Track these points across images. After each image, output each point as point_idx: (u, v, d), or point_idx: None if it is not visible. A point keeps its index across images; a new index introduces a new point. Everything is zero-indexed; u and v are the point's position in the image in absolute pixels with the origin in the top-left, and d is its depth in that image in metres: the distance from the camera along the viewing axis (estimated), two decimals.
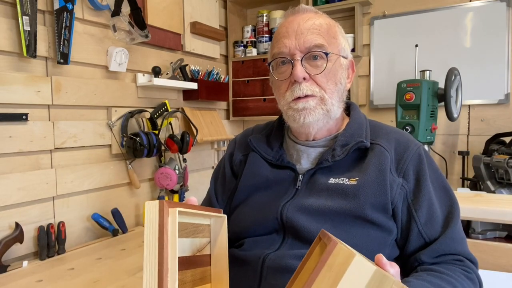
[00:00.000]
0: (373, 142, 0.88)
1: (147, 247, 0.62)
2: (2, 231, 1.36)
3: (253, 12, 2.81)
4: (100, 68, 1.73)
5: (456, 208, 0.85)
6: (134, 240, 1.63)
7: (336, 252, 0.52)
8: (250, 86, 2.60)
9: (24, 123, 1.42)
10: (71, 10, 1.51)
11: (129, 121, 1.79)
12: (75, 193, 1.61)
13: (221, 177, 1.03)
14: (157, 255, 0.61)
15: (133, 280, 1.22)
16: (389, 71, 2.41)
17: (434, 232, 0.83)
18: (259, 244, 0.86)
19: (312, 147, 0.93)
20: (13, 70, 1.40)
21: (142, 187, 1.92)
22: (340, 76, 0.89)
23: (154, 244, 0.62)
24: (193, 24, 2.23)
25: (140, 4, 1.82)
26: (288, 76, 0.87)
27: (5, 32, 1.36)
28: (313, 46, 0.85)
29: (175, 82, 2.02)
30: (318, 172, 0.88)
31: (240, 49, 2.65)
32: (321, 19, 0.89)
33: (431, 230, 0.83)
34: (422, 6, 2.31)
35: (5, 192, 1.36)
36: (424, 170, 0.85)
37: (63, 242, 1.49)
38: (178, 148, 1.96)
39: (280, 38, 0.88)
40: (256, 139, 0.99)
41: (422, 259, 0.82)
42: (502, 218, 1.39)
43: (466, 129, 2.24)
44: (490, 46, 2.15)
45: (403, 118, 2.04)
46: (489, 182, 1.90)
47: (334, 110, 0.88)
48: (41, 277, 1.26)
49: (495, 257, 1.38)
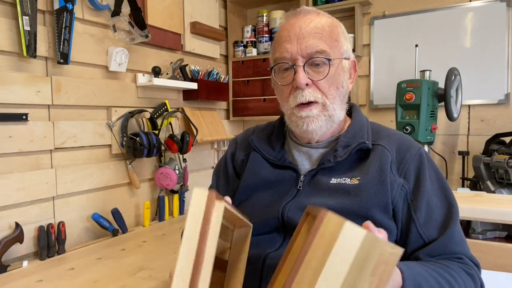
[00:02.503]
0: (375, 143, 0.88)
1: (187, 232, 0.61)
2: (2, 231, 1.36)
3: (253, 12, 2.81)
4: (100, 68, 1.73)
5: (455, 210, 0.85)
6: (134, 240, 1.63)
7: (327, 220, 0.52)
8: (250, 86, 2.60)
9: (24, 123, 1.42)
10: (71, 10, 1.51)
11: (129, 121, 1.79)
12: (75, 193, 1.61)
13: (223, 176, 1.03)
14: (197, 245, 0.60)
15: (133, 280, 1.22)
16: (389, 71, 2.41)
17: (433, 233, 0.83)
18: (260, 243, 0.86)
19: (314, 148, 0.93)
20: (13, 70, 1.40)
21: (142, 187, 1.92)
22: (342, 79, 0.89)
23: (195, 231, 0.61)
24: (193, 24, 2.23)
25: (140, 4, 1.82)
26: (290, 81, 0.87)
27: (5, 32, 1.36)
28: (315, 52, 0.84)
29: (175, 82, 2.02)
30: (319, 173, 0.89)
31: (240, 49, 2.65)
32: (324, 21, 0.88)
33: (430, 231, 0.83)
34: (422, 6, 2.31)
35: (5, 192, 1.36)
36: (424, 171, 0.85)
37: (63, 242, 1.49)
38: (178, 148, 1.96)
39: (282, 42, 0.88)
40: (257, 139, 0.99)
41: (420, 257, 0.82)
42: (502, 218, 1.39)
43: (466, 129, 2.24)
44: (490, 46, 2.15)
45: (403, 118, 2.04)
46: (489, 182, 1.90)
47: (336, 114, 0.89)
48: (41, 277, 1.26)
49: (495, 257, 1.38)
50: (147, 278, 1.24)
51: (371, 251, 0.51)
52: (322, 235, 0.52)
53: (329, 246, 0.51)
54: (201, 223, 0.60)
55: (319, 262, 0.52)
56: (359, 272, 0.51)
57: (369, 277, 0.51)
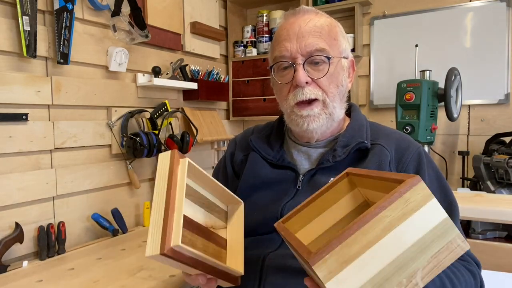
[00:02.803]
0: (374, 143, 0.88)
1: (156, 189, 0.65)
2: (2, 231, 1.36)
3: (253, 12, 2.81)
4: (100, 68, 1.73)
5: (455, 209, 0.85)
6: (134, 240, 1.63)
7: (417, 188, 0.52)
8: (250, 86, 2.60)
9: (24, 123, 1.42)
10: (71, 10, 1.51)
11: (129, 121, 1.79)
12: (75, 193, 1.61)
13: (223, 177, 1.03)
14: (165, 195, 0.63)
15: (133, 280, 1.22)
16: (389, 71, 2.41)
17: None
18: (259, 243, 0.86)
19: (313, 148, 0.93)
20: (13, 70, 1.40)
21: (142, 187, 1.92)
22: (342, 78, 0.89)
23: (163, 186, 0.65)
24: (193, 24, 2.23)
25: (140, 4, 1.82)
26: (290, 79, 0.87)
27: (5, 32, 1.36)
28: (314, 51, 0.84)
29: (175, 82, 2.02)
30: (318, 173, 0.89)
31: (240, 49, 2.65)
32: (322, 20, 0.88)
33: None
34: (422, 6, 2.31)
35: (5, 192, 1.36)
36: (423, 170, 0.85)
37: (63, 242, 1.49)
38: (178, 148, 1.96)
39: (281, 41, 0.88)
40: (256, 139, 0.99)
41: None
42: (502, 218, 1.39)
43: (466, 129, 2.24)
44: (490, 46, 2.15)
45: (403, 118, 2.04)
46: (489, 182, 1.90)
47: (336, 112, 0.89)
48: (41, 277, 1.26)
49: (495, 257, 1.38)
50: (147, 278, 1.24)
51: (443, 235, 0.52)
52: (407, 200, 0.52)
53: (409, 212, 0.51)
54: (167, 176, 0.65)
55: (392, 222, 0.51)
56: (423, 248, 0.51)
57: (430, 258, 0.51)
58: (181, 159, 0.68)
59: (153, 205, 0.63)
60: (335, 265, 0.49)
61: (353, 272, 0.49)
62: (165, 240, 0.59)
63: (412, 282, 0.50)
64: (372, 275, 0.50)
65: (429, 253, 0.51)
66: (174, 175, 0.65)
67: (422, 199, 0.52)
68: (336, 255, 0.49)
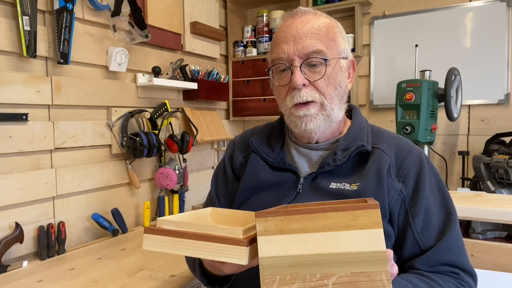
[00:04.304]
0: (374, 146, 0.88)
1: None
2: (2, 231, 1.36)
3: (253, 12, 2.81)
4: (100, 68, 1.73)
5: (454, 218, 0.84)
6: (134, 240, 1.63)
7: (371, 212, 0.55)
8: (250, 86, 2.60)
9: (24, 123, 1.42)
10: (71, 10, 1.51)
11: (129, 121, 1.79)
12: (75, 193, 1.61)
13: (222, 179, 1.03)
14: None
15: (133, 280, 1.23)
16: (389, 71, 2.41)
17: (429, 240, 0.82)
18: None
19: (314, 150, 0.93)
20: (13, 70, 1.40)
21: (142, 187, 1.92)
22: (340, 79, 0.89)
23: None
24: (193, 24, 2.23)
25: (140, 4, 1.82)
26: (287, 82, 0.87)
27: (5, 32, 1.36)
28: (311, 52, 0.84)
29: (175, 82, 2.02)
30: (319, 176, 0.88)
31: (240, 49, 2.65)
32: (320, 21, 0.88)
33: (427, 238, 0.82)
34: (422, 6, 2.31)
35: (5, 192, 1.36)
36: (424, 176, 0.85)
37: (63, 242, 1.49)
38: (178, 148, 1.96)
39: (278, 43, 0.88)
40: (257, 140, 0.98)
41: (416, 267, 0.82)
42: (502, 218, 1.39)
43: (466, 129, 2.24)
44: (490, 46, 2.15)
45: (403, 118, 2.04)
46: (489, 182, 1.90)
47: (334, 114, 0.88)
48: (41, 277, 1.26)
49: (495, 257, 1.38)
50: (147, 278, 1.24)
51: (372, 263, 0.54)
52: (356, 216, 0.55)
53: (353, 226, 0.55)
54: None
55: (334, 225, 0.56)
56: (349, 262, 0.54)
57: (350, 273, 0.54)
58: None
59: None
60: (272, 228, 0.58)
61: (283, 242, 0.57)
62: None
63: (324, 280, 0.54)
64: (296, 253, 0.56)
65: (351, 268, 0.54)
66: None
67: (370, 223, 0.55)
68: (276, 221, 0.58)
